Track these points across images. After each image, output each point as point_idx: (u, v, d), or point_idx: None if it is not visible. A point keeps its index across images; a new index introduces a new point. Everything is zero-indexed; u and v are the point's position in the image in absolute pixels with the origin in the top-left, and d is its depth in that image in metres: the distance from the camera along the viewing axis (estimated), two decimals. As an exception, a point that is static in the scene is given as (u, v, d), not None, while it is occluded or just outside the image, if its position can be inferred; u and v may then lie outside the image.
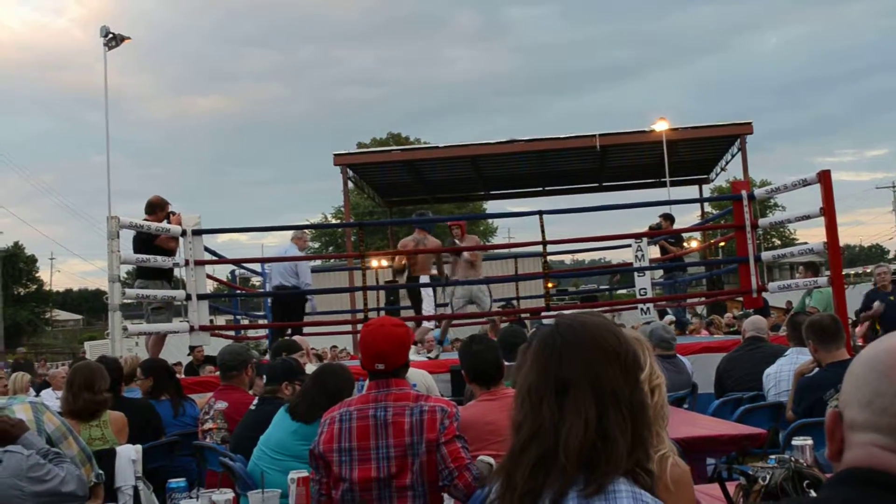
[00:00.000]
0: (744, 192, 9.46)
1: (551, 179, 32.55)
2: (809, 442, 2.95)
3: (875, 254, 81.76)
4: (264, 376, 5.11)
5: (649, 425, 1.79)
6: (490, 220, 56.00)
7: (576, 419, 1.70)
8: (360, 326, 8.06)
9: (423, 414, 3.16)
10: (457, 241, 10.00)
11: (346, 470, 3.15)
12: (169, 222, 9.01)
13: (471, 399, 4.36)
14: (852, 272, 41.11)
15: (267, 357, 8.41)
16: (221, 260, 11.71)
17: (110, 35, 23.03)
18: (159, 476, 4.67)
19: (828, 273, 8.62)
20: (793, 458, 2.53)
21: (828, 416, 1.31)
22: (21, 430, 3.47)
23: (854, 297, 14.70)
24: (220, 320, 12.24)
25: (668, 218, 13.18)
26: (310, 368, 5.59)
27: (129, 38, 23.73)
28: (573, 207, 11.55)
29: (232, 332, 11.41)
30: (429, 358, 9.27)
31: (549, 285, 11.10)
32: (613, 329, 1.84)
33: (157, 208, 9.09)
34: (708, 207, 31.54)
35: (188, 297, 8.95)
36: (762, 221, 10.45)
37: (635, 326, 9.35)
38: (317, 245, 57.57)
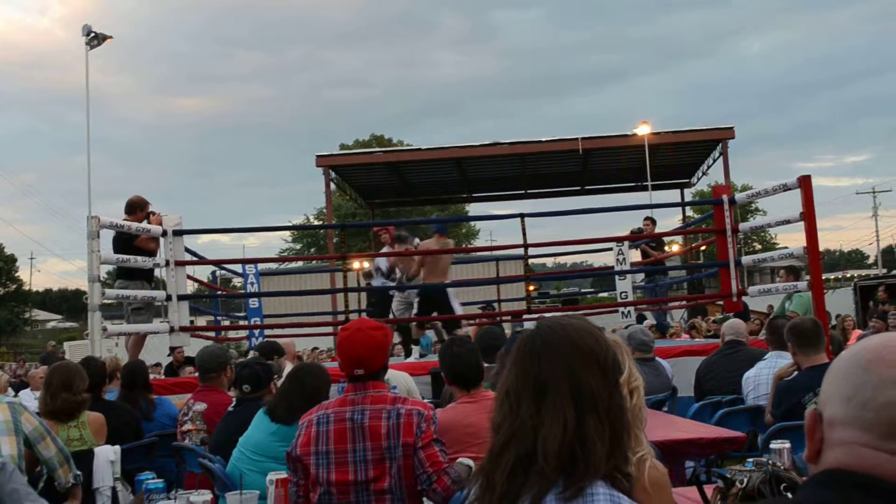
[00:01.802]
0: (725, 197, 9.49)
1: (534, 182, 32.61)
2: (787, 445, 2.97)
3: (855, 258, 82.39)
4: (244, 386, 4.99)
5: (628, 428, 1.79)
6: (472, 223, 55.95)
7: (554, 421, 1.69)
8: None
9: (399, 417, 3.14)
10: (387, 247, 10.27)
11: (324, 473, 3.13)
12: (149, 222, 8.96)
13: (449, 400, 4.35)
14: (832, 277, 41.36)
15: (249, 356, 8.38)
16: (202, 261, 11.65)
17: (92, 34, 22.82)
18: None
19: (808, 277, 8.65)
20: (770, 462, 2.55)
21: (807, 416, 1.30)
22: None
23: (833, 301, 14.78)
24: (201, 321, 12.16)
25: (654, 221, 13.21)
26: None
27: (111, 37, 23.51)
28: (555, 210, 11.55)
29: (212, 333, 11.37)
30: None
31: (531, 288, 11.10)
32: (594, 332, 1.84)
33: (137, 208, 9.01)
34: (689, 211, 31.71)
35: (168, 298, 8.91)
36: (743, 226, 10.47)
37: (615, 330, 9.36)
38: (298, 246, 57.45)
